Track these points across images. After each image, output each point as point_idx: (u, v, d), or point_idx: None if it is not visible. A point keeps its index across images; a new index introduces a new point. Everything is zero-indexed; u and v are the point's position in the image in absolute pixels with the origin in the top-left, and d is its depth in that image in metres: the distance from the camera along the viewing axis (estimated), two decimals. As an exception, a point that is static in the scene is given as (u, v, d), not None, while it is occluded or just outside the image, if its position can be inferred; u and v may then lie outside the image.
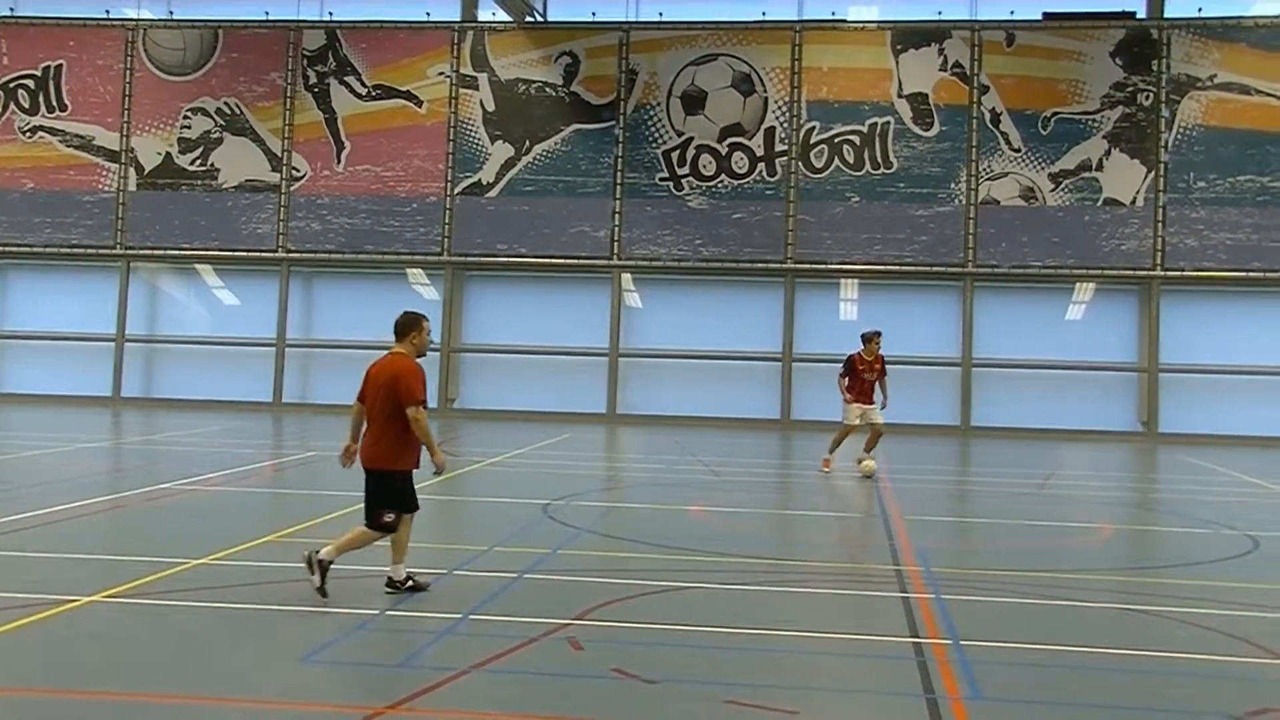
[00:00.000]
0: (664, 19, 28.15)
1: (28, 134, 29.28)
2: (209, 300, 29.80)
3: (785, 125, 27.26)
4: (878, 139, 27.00)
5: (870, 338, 16.48)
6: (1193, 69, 26.29)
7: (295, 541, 9.99)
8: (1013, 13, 27.18)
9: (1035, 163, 26.58)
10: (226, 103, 28.79)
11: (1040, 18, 27.00)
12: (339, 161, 28.42)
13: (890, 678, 6.53)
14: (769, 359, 27.35)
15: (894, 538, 11.14)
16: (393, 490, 7.91)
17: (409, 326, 8.05)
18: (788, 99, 27.33)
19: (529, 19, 28.31)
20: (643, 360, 27.96)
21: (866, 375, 16.38)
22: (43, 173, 29.16)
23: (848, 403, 16.38)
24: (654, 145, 27.65)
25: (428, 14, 28.88)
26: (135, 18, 29.47)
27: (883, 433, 16.47)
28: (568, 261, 27.77)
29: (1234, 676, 6.64)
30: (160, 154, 28.89)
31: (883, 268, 26.96)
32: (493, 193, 28.03)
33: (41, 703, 5.64)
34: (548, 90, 28.06)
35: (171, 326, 29.45)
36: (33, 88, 29.35)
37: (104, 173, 29.05)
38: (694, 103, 27.56)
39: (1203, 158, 26.14)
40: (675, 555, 9.95)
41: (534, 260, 27.86)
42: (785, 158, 27.21)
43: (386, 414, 7.85)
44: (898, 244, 26.81)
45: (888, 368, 16.63)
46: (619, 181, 27.65)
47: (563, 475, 15.95)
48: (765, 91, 27.38)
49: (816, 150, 27.17)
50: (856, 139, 27.07)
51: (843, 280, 27.73)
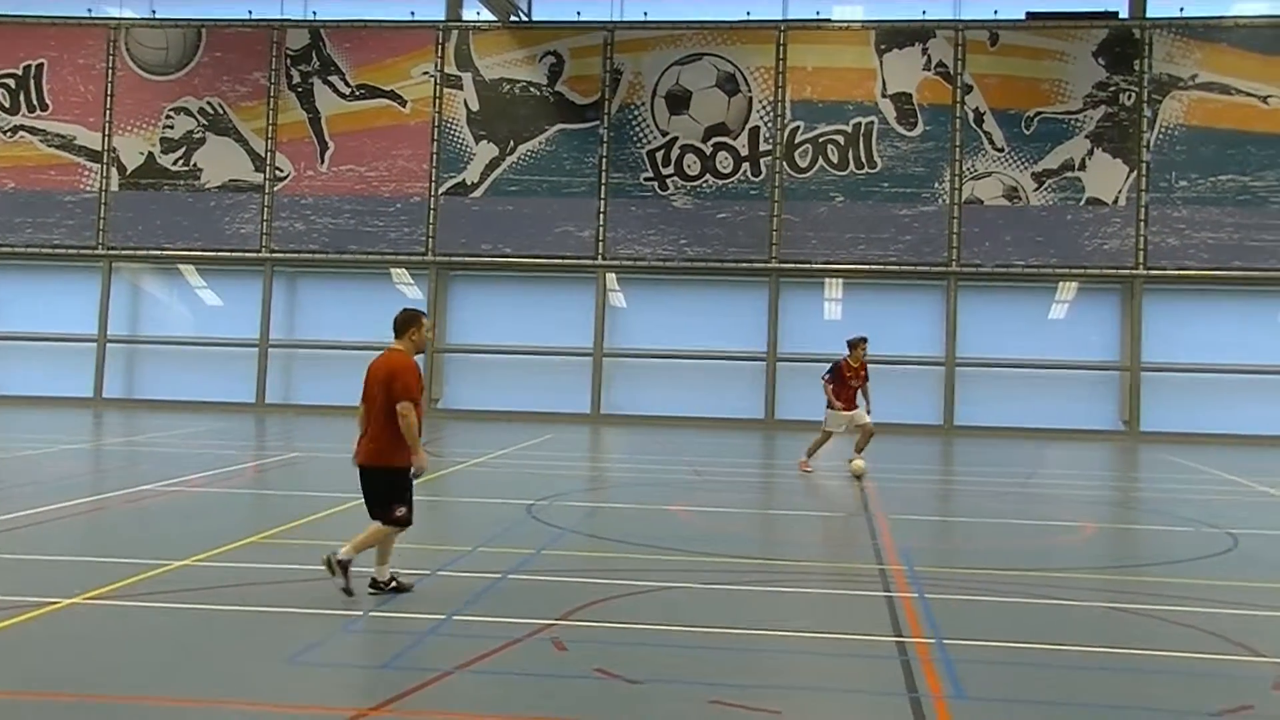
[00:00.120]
0: (649, 19, 28.14)
1: (8, 134, 29.10)
2: (192, 301, 29.67)
3: (770, 125, 27.29)
4: (862, 139, 27.06)
5: (856, 344, 16.35)
6: (1174, 69, 26.42)
7: (278, 543, 9.98)
8: (996, 12, 27.27)
9: (1018, 162, 26.68)
10: (209, 102, 28.67)
11: (1024, 17, 27.10)
12: (323, 161, 28.33)
13: (873, 677, 6.54)
14: (754, 359, 27.38)
15: (877, 537, 11.18)
16: (399, 484, 7.93)
17: (408, 323, 8.07)
18: (772, 99, 27.36)
19: (513, 18, 28.26)
20: (627, 360, 27.96)
21: (853, 382, 16.30)
22: (24, 172, 28.99)
23: (835, 410, 16.35)
24: (638, 145, 27.65)
25: (412, 13, 28.80)
26: (117, 16, 29.31)
27: (873, 432, 16.45)
28: (552, 261, 27.74)
29: (1214, 674, 6.68)
30: (143, 154, 28.74)
31: (867, 267, 27.01)
32: (477, 193, 27.99)
33: (21, 706, 5.60)
34: (532, 90, 28.04)
35: (154, 327, 29.31)
36: (13, 87, 29.17)
37: (86, 173, 28.89)
38: (678, 102, 27.57)
39: (1184, 157, 26.27)
40: (659, 555, 9.95)
41: (518, 260, 27.83)
42: (770, 158, 27.24)
43: (386, 411, 7.86)
44: (882, 244, 26.87)
45: (870, 370, 16.61)
46: (603, 181, 27.64)
47: (547, 475, 15.93)
48: (750, 91, 27.41)
49: (801, 150, 27.21)
50: (841, 139, 27.12)
51: (827, 280, 27.77)
